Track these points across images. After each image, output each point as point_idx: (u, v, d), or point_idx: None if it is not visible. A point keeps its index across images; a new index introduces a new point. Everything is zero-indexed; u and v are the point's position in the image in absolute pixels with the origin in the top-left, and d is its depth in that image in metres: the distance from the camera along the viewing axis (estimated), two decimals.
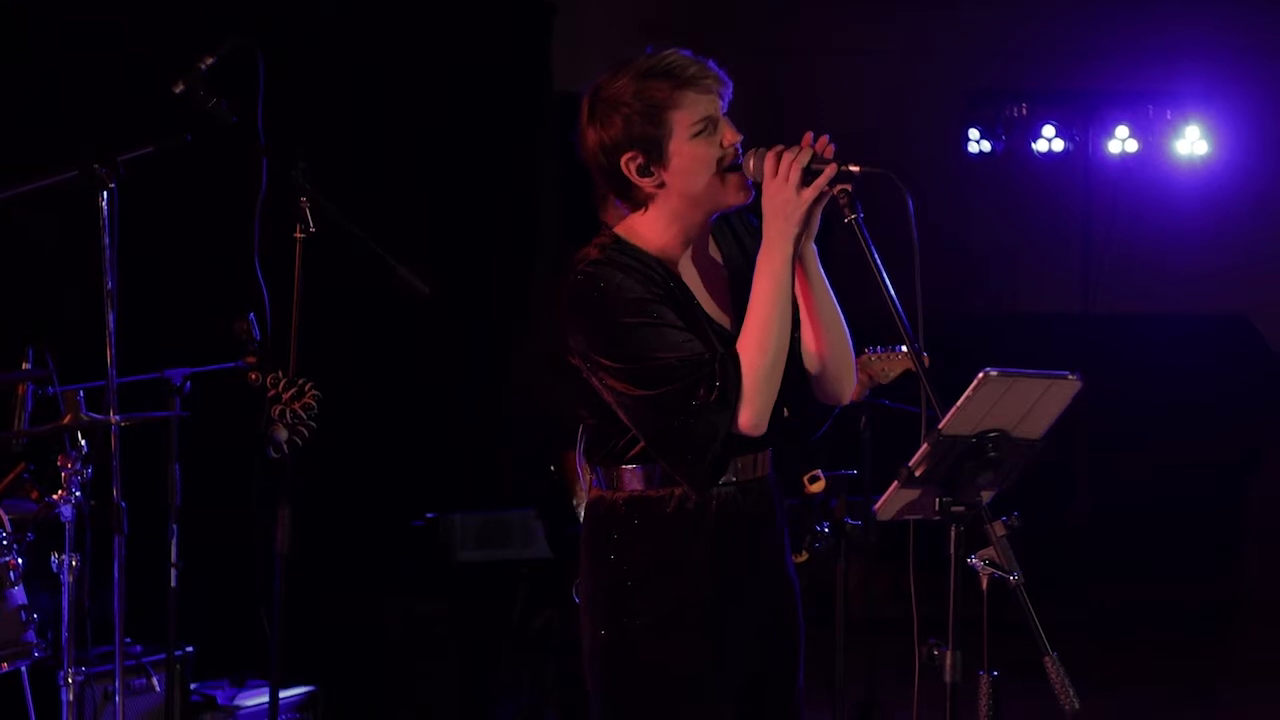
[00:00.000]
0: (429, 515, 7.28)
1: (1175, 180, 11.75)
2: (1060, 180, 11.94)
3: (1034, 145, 11.80)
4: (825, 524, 5.85)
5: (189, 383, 5.38)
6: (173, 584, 5.37)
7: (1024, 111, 11.74)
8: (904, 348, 5.45)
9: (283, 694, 6.17)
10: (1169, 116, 11.74)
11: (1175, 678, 9.16)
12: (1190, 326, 11.74)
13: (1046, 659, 3.08)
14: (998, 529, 3.12)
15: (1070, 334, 11.69)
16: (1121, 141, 11.78)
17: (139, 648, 5.90)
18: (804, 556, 5.78)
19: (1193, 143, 11.74)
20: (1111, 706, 8.01)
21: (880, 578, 7.20)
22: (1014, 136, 11.78)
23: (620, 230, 3.63)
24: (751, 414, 3.45)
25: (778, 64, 11.26)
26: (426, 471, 8.04)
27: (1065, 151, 11.83)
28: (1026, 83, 11.82)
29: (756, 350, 3.45)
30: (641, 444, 3.54)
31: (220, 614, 6.61)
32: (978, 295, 11.91)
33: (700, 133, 3.51)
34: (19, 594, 5.06)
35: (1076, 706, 3.06)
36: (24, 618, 5.05)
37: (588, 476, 3.74)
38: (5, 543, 5.09)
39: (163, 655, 5.62)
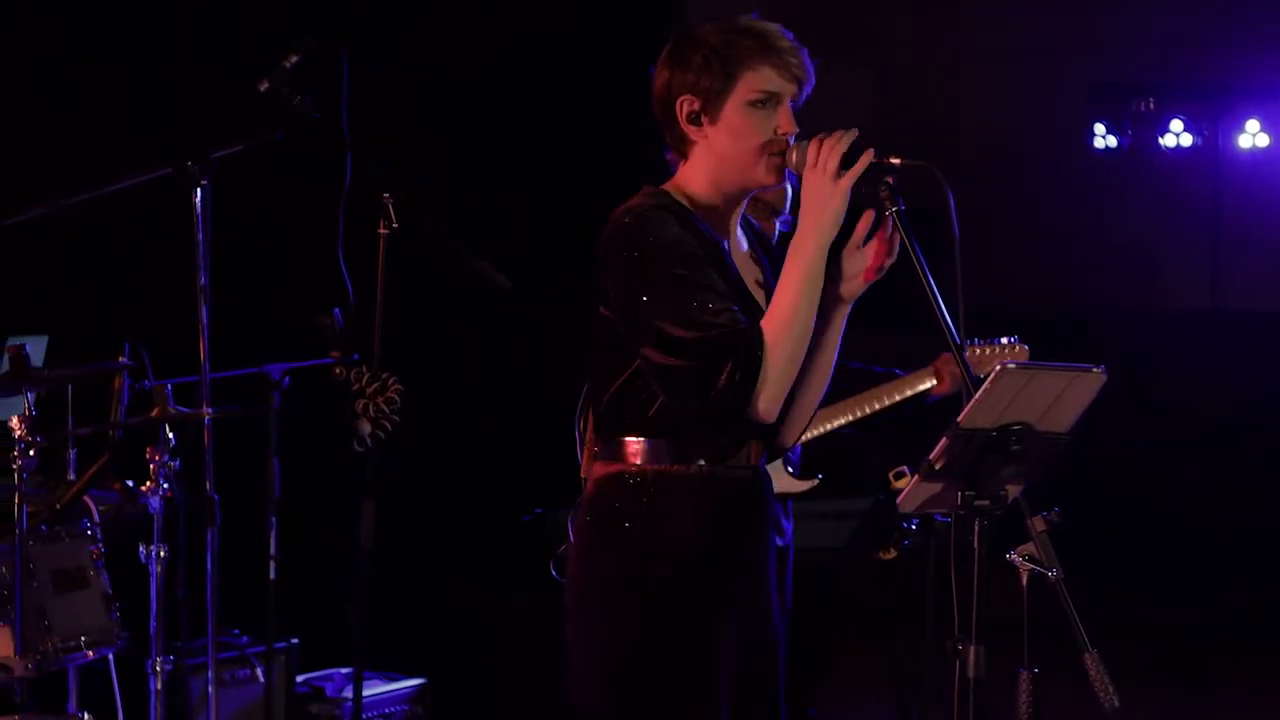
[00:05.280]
0: (537, 510, 7.31)
1: None
2: (1189, 176, 11.77)
3: (1162, 140, 11.64)
4: (914, 521, 5.79)
5: (288, 378, 5.44)
6: (271, 576, 5.45)
7: (1151, 106, 11.58)
8: (1004, 340, 5.48)
9: (393, 686, 6.29)
10: None
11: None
12: None
13: (1086, 656, 3.04)
14: (1037, 524, 3.09)
15: (1200, 330, 11.53)
16: (1252, 136, 11.59)
17: (245, 639, 5.98)
18: (892, 554, 5.74)
19: None
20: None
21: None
22: (1141, 131, 11.62)
23: (667, 187, 3.60)
24: (768, 398, 3.37)
25: (904, 61, 11.19)
26: (535, 466, 8.05)
27: (1194, 146, 11.66)
28: (1153, 76, 11.65)
29: (782, 333, 3.37)
30: (656, 412, 3.47)
31: (331, 607, 6.68)
32: (1107, 291, 11.75)
33: (758, 103, 3.49)
34: (104, 582, 5.16)
35: (1116, 705, 3.02)
36: (108, 605, 5.15)
37: (591, 450, 3.64)
38: (91, 532, 5.19)
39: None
